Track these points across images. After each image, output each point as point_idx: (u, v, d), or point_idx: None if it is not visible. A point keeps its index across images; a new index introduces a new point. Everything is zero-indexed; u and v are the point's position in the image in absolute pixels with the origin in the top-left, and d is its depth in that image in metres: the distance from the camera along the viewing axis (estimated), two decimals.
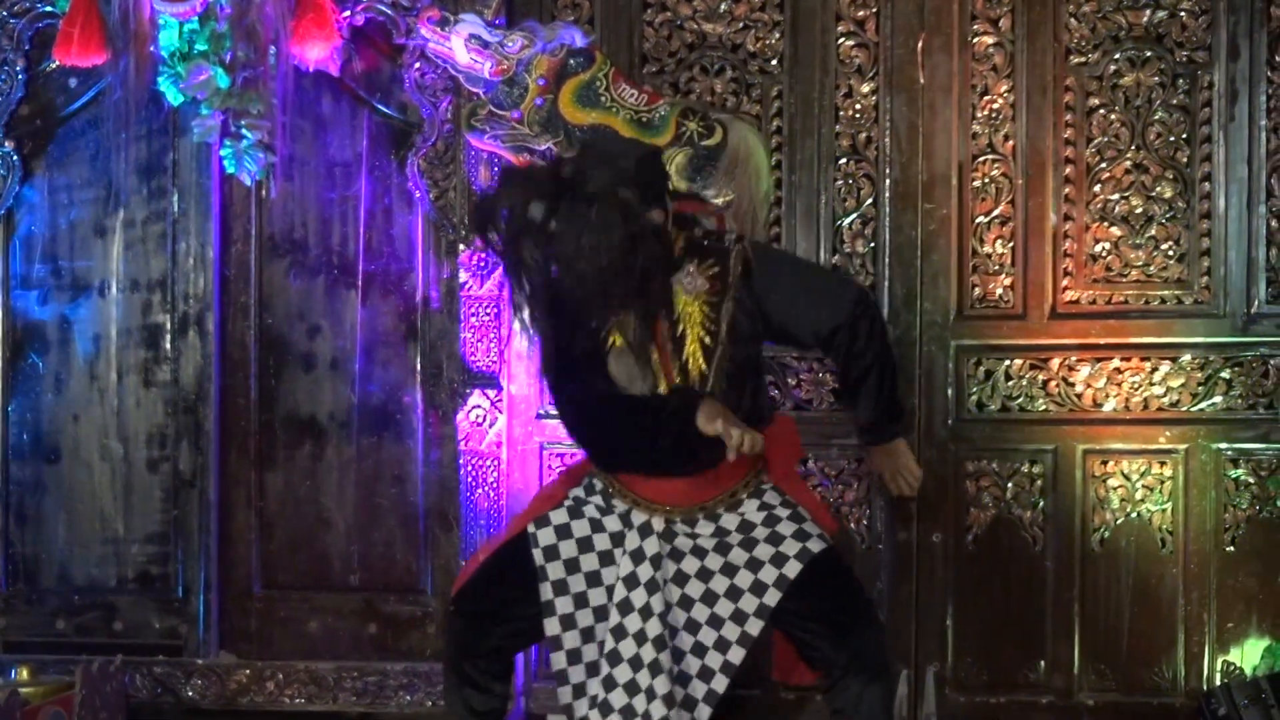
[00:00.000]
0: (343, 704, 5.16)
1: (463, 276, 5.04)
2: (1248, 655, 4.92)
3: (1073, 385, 5.00)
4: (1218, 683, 4.89)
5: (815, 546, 3.73)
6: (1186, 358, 4.96)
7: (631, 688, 3.70)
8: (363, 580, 5.24)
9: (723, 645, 3.71)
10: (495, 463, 5.06)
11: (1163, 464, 4.97)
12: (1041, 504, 5.01)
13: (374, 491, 5.25)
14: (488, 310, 5.01)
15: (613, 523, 3.81)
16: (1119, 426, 4.98)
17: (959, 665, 5.03)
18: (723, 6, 5.13)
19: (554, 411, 4.26)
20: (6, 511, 5.38)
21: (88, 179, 5.34)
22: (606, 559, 3.81)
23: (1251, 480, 4.94)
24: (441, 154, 5.07)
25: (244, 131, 5.08)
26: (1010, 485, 5.03)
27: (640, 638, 3.69)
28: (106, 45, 5.06)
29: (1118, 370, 4.99)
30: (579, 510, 3.86)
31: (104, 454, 5.35)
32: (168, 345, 5.31)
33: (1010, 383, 5.03)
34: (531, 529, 3.84)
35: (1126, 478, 4.99)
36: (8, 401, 5.39)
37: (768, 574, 3.70)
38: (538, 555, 3.80)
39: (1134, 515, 4.98)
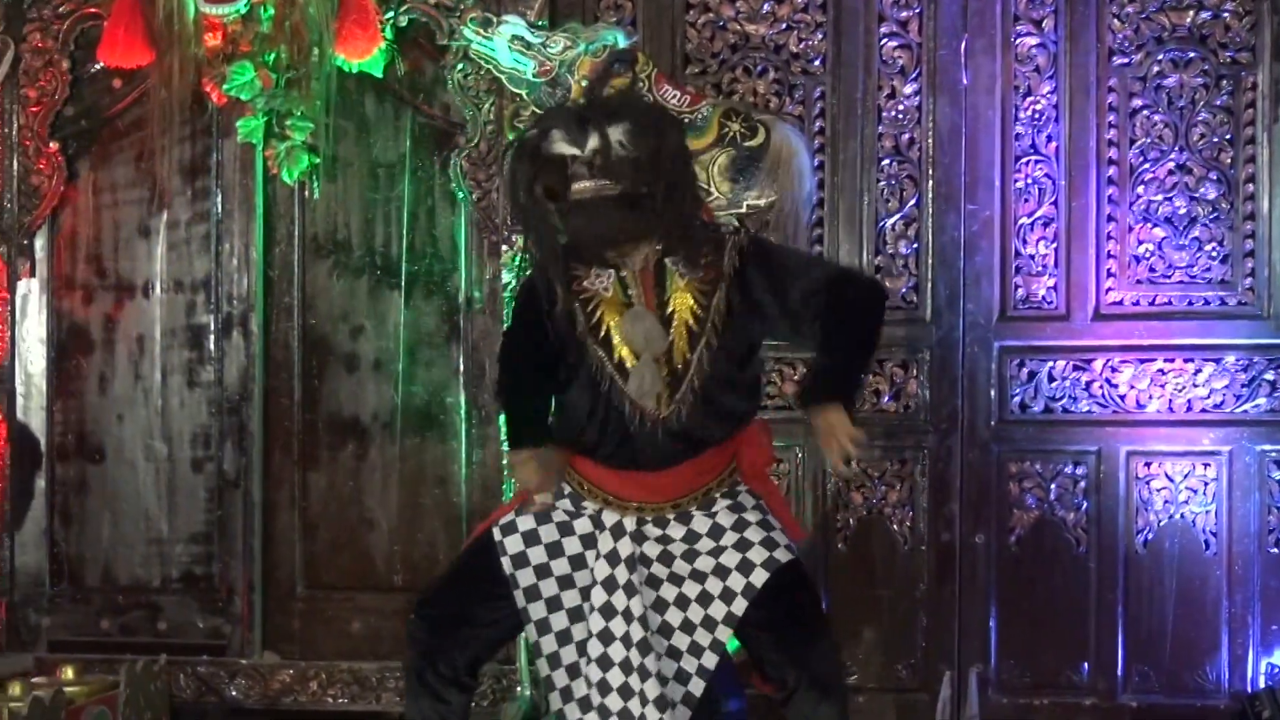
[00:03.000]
0: (386, 704, 5.16)
1: (505, 277, 5.03)
2: None
3: (1116, 386, 4.99)
4: (1261, 685, 4.88)
5: (782, 557, 3.70)
6: (1230, 359, 4.95)
7: (625, 691, 3.68)
8: (406, 580, 5.24)
9: (696, 650, 3.70)
10: None
11: (1206, 465, 4.96)
12: (1085, 505, 5.00)
13: (417, 492, 5.26)
14: None
15: (583, 525, 3.76)
16: (1162, 428, 4.98)
17: (1002, 666, 5.02)
18: (765, 7, 5.14)
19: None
20: (52, 511, 5.40)
21: (132, 180, 5.36)
22: (578, 562, 3.75)
23: None
24: (484, 155, 5.07)
25: (288, 132, 5.10)
26: (1053, 486, 5.02)
27: (627, 641, 3.67)
28: (151, 46, 5.09)
29: (1161, 371, 4.98)
30: (546, 515, 3.78)
31: (148, 454, 5.37)
32: (211, 346, 5.32)
33: (1053, 384, 5.02)
34: (498, 536, 3.77)
35: (1170, 479, 4.98)
36: (53, 402, 5.41)
37: (735, 581, 3.68)
38: (506, 564, 3.75)
39: (1177, 517, 4.97)
